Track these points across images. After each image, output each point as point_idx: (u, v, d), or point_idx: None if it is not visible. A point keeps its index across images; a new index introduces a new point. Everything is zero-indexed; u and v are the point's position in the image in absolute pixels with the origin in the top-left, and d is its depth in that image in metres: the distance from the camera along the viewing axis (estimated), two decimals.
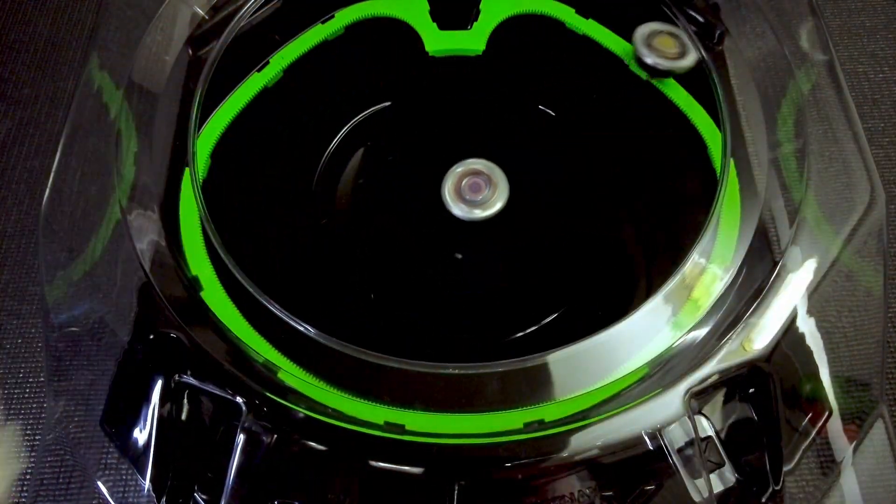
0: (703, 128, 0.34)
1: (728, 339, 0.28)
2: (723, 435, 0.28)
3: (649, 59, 0.35)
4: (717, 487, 0.27)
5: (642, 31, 0.36)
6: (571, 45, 0.38)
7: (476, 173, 0.36)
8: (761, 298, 0.29)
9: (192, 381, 0.27)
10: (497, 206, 0.35)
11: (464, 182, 0.36)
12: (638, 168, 0.41)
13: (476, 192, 0.35)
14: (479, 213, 0.35)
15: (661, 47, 0.35)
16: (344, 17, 0.37)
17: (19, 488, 0.38)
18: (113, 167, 0.31)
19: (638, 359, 0.28)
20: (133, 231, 0.30)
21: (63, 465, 0.36)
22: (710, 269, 0.30)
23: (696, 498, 0.26)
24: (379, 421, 0.27)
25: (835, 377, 0.29)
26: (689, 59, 0.35)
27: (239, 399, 0.27)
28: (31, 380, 0.41)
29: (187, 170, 0.32)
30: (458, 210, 0.35)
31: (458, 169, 0.36)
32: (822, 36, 0.35)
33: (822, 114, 0.33)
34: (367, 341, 0.28)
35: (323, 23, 0.37)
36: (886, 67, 0.51)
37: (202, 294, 0.29)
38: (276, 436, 0.26)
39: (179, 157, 0.32)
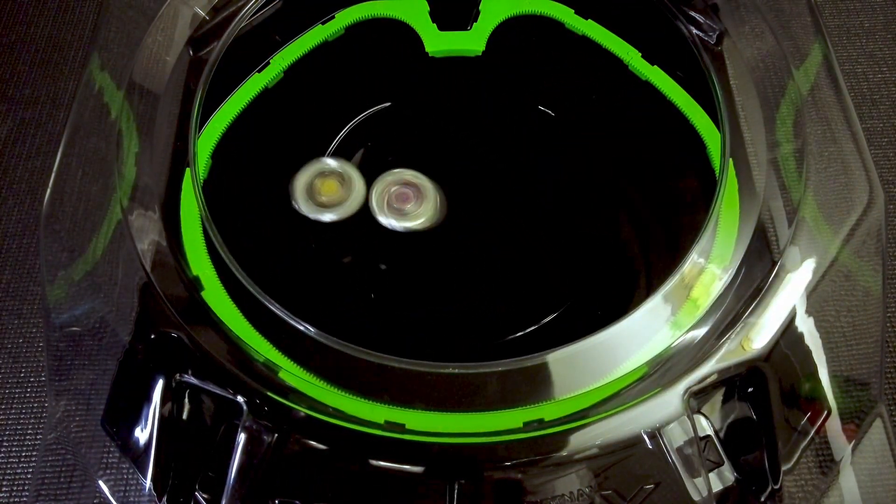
0: (703, 128, 0.34)
1: (727, 339, 0.28)
2: (722, 434, 0.28)
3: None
4: (717, 486, 0.27)
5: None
6: (571, 45, 0.38)
7: None
8: (760, 298, 0.29)
9: (192, 380, 0.27)
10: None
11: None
12: (638, 168, 0.41)
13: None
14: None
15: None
16: (344, 18, 0.37)
17: (20, 488, 0.38)
18: (114, 167, 0.31)
19: (637, 358, 0.28)
20: (134, 231, 0.30)
21: (64, 464, 0.36)
22: (709, 269, 0.30)
23: (695, 497, 0.26)
24: (379, 420, 0.27)
25: (833, 376, 0.29)
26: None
27: (240, 398, 0.27)
28: (32, 379, 0.41)
29: (188, 170, 0.32)
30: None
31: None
32: (821, 37, 0.35)
33: (821, 114, 0.33)
34: (367, 341, 0.28)
35: (323, 23, 0.37)
36: (885, 68, 0.51)
37: (203, 294, 0.29)
38: (276, 435, 0.26)
39: (180, 157, 0.32)
